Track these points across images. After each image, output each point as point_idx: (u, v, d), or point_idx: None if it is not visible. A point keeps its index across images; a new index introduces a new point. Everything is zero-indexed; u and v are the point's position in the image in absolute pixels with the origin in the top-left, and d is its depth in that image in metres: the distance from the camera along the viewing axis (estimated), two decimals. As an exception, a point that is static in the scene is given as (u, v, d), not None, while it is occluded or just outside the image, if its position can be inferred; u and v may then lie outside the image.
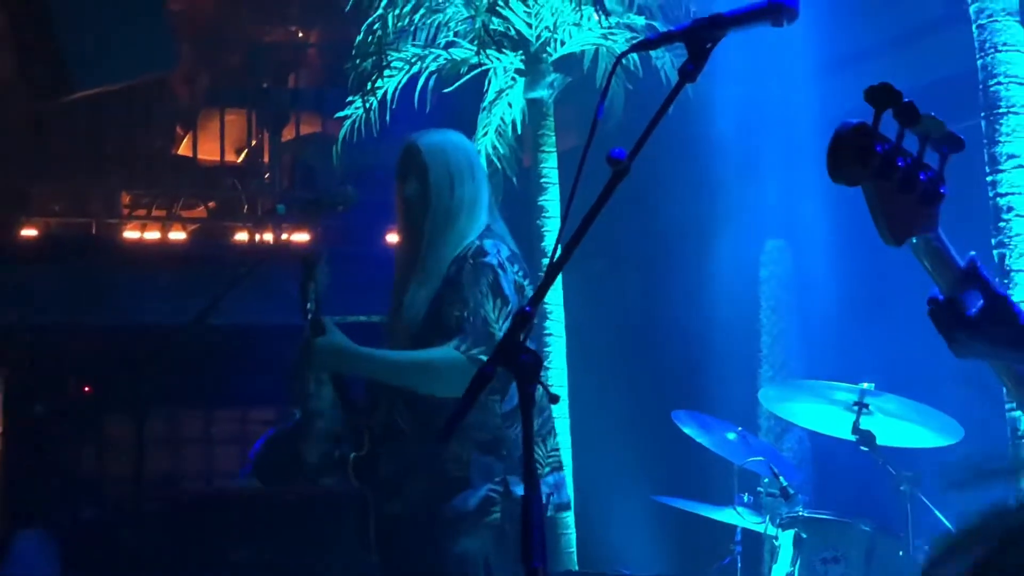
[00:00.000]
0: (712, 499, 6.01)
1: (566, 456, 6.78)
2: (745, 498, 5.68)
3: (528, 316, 2.16)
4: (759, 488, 5.69)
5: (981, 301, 2.03)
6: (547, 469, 3.92)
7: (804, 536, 5.23)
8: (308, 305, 3.81)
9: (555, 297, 7.14)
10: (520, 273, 3.87)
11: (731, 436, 5.84)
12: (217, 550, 5.94)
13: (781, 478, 5.45)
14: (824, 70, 7.38)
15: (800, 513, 5.31)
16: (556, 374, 7.19)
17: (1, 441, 9.06)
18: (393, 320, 4.00)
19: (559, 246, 2.21)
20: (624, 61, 6.84)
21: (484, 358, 3.64)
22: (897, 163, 1.92)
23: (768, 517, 5.49)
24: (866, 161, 1.91)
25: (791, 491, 5.41)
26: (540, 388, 2.32)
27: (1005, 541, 0.98)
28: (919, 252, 2.05)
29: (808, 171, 7.31)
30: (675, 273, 8.03)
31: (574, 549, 6.96)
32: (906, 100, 1.92)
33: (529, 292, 3.86)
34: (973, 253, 2.06)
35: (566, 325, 7.29)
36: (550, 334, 7.25)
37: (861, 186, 1.94)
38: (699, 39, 2.26)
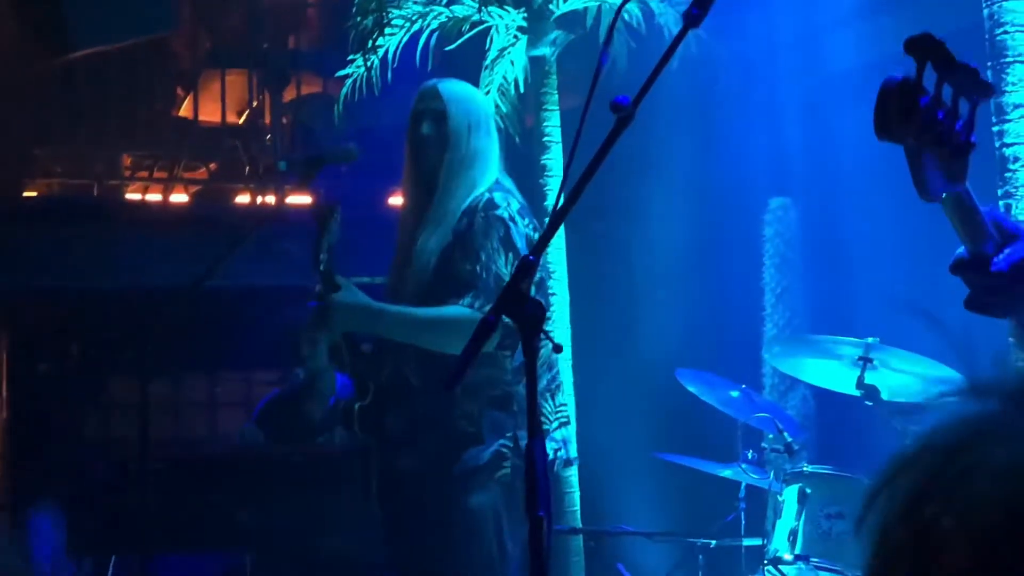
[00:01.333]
0: (716, 456, 6.01)
1: (570, 414, 6.78)
2: (749, 455, 5.68)
3: (531, 265, 2.15)
4: (763, 444, 5.69)
5: (1012, 254, 2.00)
6: (555, 424, 3.92)
7: (808, 491, 5.24)
8: (321, 256, 3.75)
9: (558, 256, 7.12)
10: (531, 226, 3.85)
11: (735, 393, 5.84)
12: (223, 511, 5.95)
13: (785, 434, 5.46)
14: (825, 28, 7.34)
15: (804, 469, 5.31)
16: (559, 332, 7.17)
17: (5, 404, 9.07)
18: (399, 274, 3.98)
19: (562, 195, 2.20)
20: (627, 18, 6.80)
21: None
22: (938, 116, 1.88)
23: (772, 473, 5.49)
24: (913, 118, 1.87)
25: (795, 447, 5.42)
26: (545, 340, 2.31)
27: (951, 450, 0.96)
28: (949, 207, 2.01)
29: (817, 126, 7.29)
30: (678, 230, 8.01)
31: (578, 507, 6.97)
32: (945, 49, 1.88)
33: None
34: (991, 207, 2.04)
35: (569, 284, 7.28)
36: (553, 293, 7.23)
37: (903, 142, 1.90)
38: (702, -16, 2.24)
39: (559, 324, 7.20)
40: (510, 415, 3.78)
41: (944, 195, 1.96)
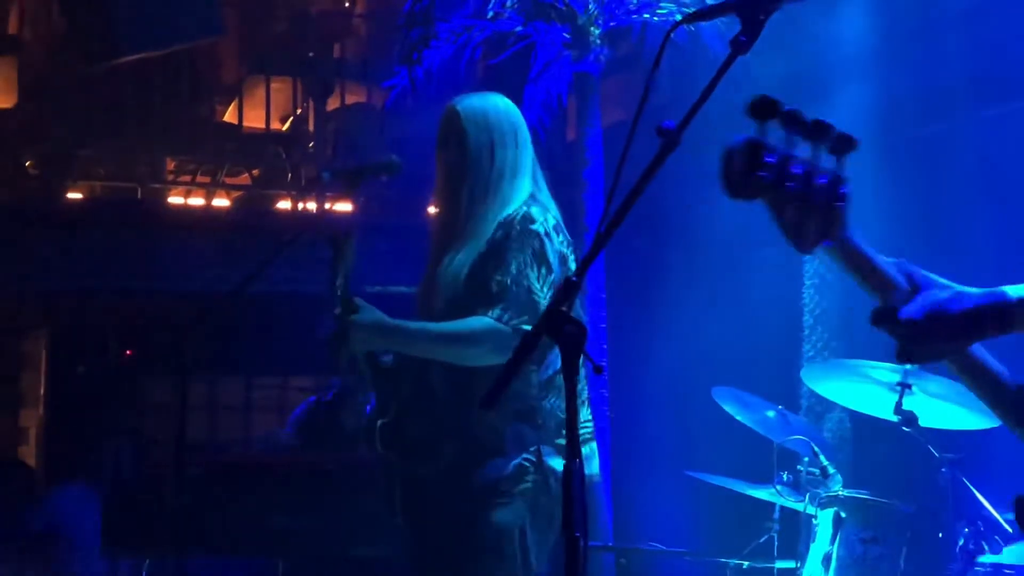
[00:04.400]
0: (750, 477, 5.99)
1: (605, 430, 6.78)
2: (784, 477, 5.66)
3: (574, 285, 2.15)
4: (799, 467, 5.66)
5: (925, 301, 2.01)
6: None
7: (843, 516, 5.22)
8: (337, 282, 3.77)
9: (596, 273, 7.13)
10: (564, 243, 3.84)
11: (771, 414, 5.82)
12: (256, 516, 5.97)
13: (821, 457, 5.43)
14: (878, 54, 7.31)
15: (840, 493, 5.29)
16: (596, 349, 7.17)
17: (45, 403, 9.14)
18: (427, 286, 3.98)
19: (606, 218, 2.20)
20: (672, 37, 6.79)
21: (527, 328, 3.62)
22: (792, 171, 1.90)
23: (807, 496, 5.46)
24: (759, 174, 1.89)
25: (831, 471, 5.39)
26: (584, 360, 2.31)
27: None
28: (833, 257, 2.04)
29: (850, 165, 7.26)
30: (717, 250, 7.99)
31: (609, 522, 6.97)
32: (788, 107, 1.90)
33: (572, 263, 3.84)
34: (903, 260, 2.05)
35: (607, 301, 7.28)
36: (592, 311, 7.23)
37: (761, 200, 1.93)
38: (753, 11, 2.24)
39: (596, 341, 7.20)
40: (534, 429, 3.77)
41: (825, 245, 1.98)
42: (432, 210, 3.95)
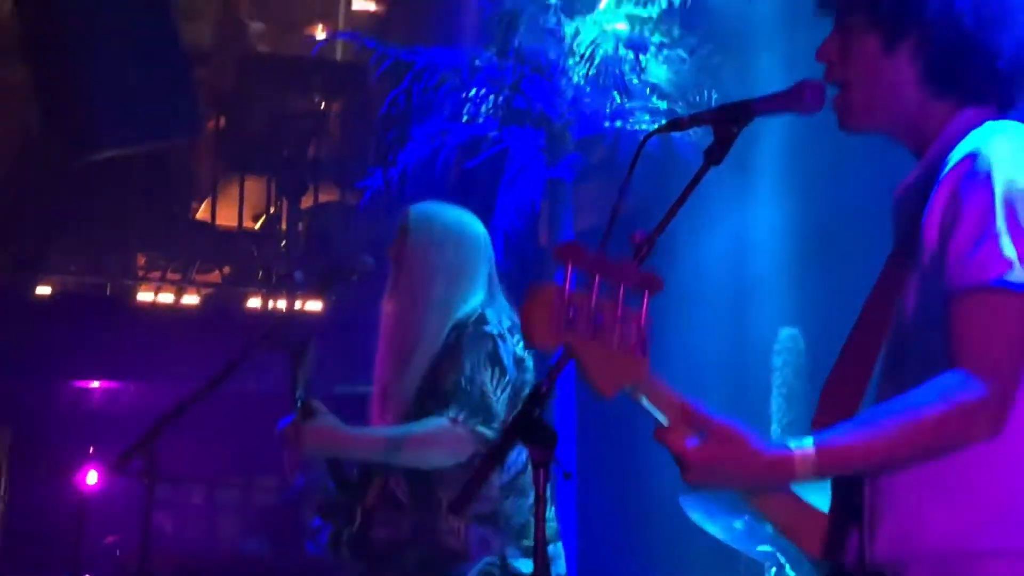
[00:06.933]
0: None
1: (571, 532, 6.73)
2: (751, 587, 5.63)
3: (545, 392, 2.15)
4: (766, 576, 5.64)
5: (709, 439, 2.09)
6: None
7: (810, 628, 5.18)
8: (297, 392, 3.80)
9: (566, 377, 7.13)
10: (520, 344, 3.85)
11: (738, 524, 5.80)
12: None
13: (787, 568, 5.41)
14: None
15: (807, 604, 5.26)
16: (565, 453, 7.15)
17: (2, 504, 9.02)
18: (382, 387, 3.98)
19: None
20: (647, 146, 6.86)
21: (481, 429, 3.65)
22: (597, 320, 1.94)
23: (775, 606, 5.43)
24: (561, 324, 1.93)
25: (798, 582, 5.37)
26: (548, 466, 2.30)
27: None
28: (633, 395, 2.10)
29: (825, 257, 7.32)
30: (686, 359, 7.99)
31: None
32: (594, 252, 1.95)
33: (528, 364, 3.85)
34: (701, 402, 2.10)
35: (576, 402, 7.27)
36: (559, 415, 7.22)
37: (563, 347, 1.97)
38: (726, 124, 2.27)
39: (566, 444, 7.18)
40: (497, 531, 3.76)
41: (625, 388, 2.03)
42: (384, 307, 3.99)
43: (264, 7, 12.11)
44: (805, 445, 2.11)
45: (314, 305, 8.80)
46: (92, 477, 4.74)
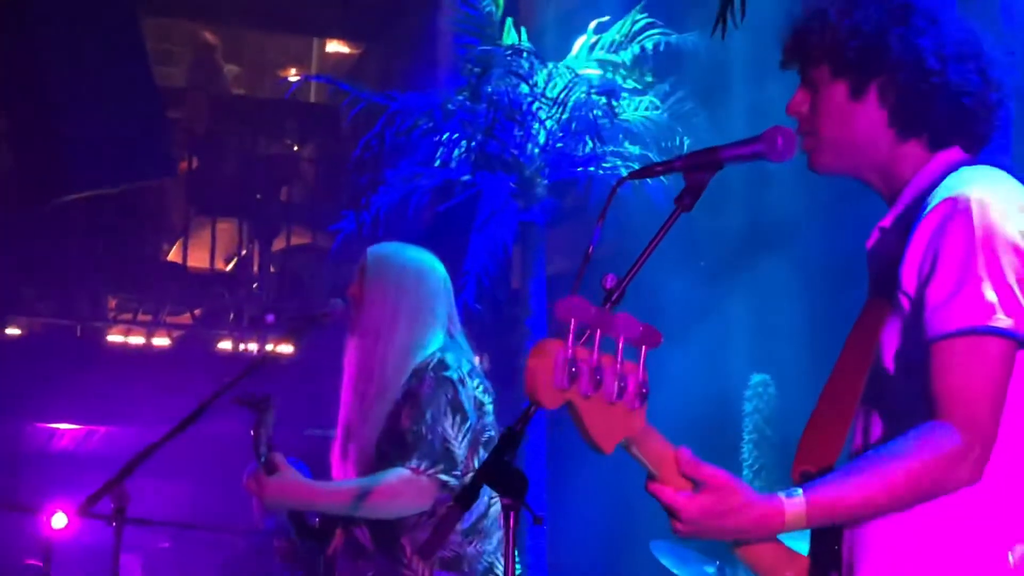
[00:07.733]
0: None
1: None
2: (722, 633, 5.62)
3: (516, 436, 2.14)
4: (737, 623, 5.63)
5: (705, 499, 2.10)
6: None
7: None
8: (260, 449, 3.79)
9: (537, 422, 7.13)
10: (480, 388, 3.84)
11: (710, 570, 5.79)
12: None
13: (759, 614, 5.39)
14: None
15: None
16: (535, 495, 7.14)
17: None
18: (346, 432, 3.97)
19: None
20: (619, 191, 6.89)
21: (443, 477, 3.64)
22: (597, 377, 1.96)
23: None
24: (564, 381, 1.95)
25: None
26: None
27: None
28: (629, 449, 2.10)
29: (793, 302, 7.35)
30: (657, 407, 8.00)
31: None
32: (596, 308, 1.97)
33: (489, 407, 3.84)
34: (689, 449, 2.11)
35: (547, 447, 7.27)
36: (530, 456, 7.22)
37: (566, 405, 1.98)
38: (697, 171, 2.28)
39: (535, 485, 7.16)
40: (460, 576, 3.76)
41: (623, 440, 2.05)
42: (347, 347, 3.97)
43: (238, 50, 12.15)
44: (795, 497, 2.11)
45: (285, 348, 8.78)
46: (60, 519, 4.67)
